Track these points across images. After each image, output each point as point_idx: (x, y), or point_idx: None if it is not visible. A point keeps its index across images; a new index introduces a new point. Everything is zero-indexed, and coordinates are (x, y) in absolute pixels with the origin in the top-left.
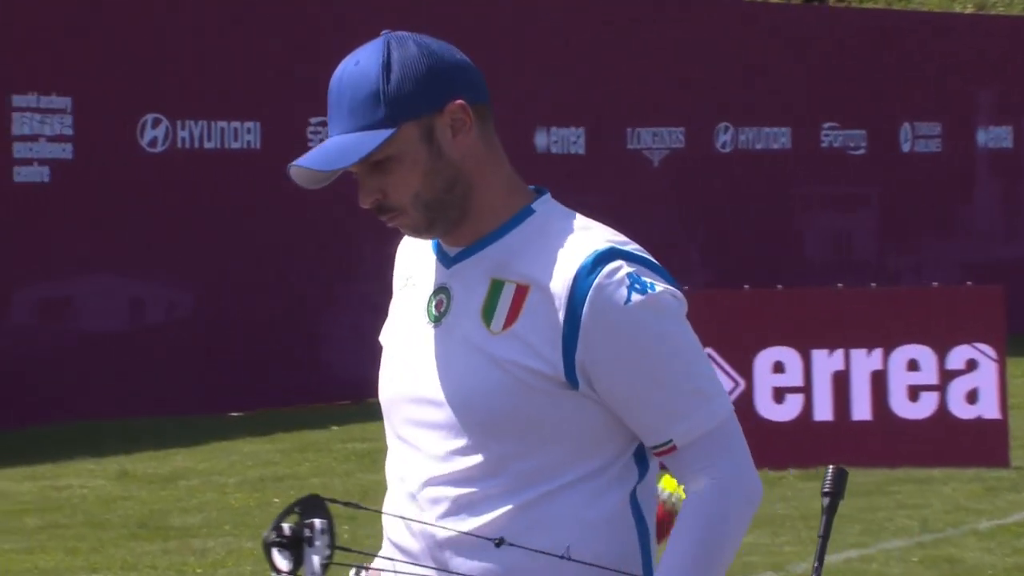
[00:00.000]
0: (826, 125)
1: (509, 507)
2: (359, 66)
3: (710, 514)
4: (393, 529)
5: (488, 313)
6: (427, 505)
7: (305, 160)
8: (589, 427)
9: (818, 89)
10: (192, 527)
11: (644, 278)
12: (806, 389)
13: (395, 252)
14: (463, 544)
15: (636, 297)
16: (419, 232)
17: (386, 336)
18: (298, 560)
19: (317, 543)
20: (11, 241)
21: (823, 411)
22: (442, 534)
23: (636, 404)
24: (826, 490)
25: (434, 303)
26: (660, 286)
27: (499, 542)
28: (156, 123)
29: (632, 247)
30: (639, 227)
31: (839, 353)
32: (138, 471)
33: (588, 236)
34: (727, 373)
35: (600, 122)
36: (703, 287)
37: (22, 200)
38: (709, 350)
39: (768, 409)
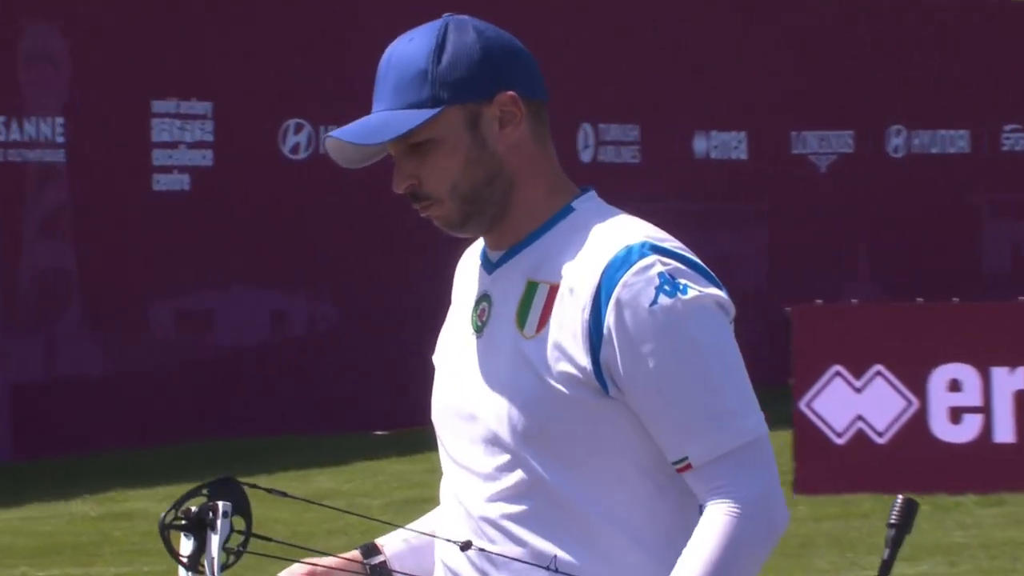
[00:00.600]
0: (1007, 127)
1: (557, 527)
2: (412, 43)
3: (726, 538)
4: (445, 551)
5: (522, 316)
6: (481, 525)
7: (342, 132)
8: (628, 437)
9: (997, 88)
10: (336, 550)
11: (679, 279)
12: (985, 409)
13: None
14: (516, 566)
15: (664, 300)
16: (453, 227)
17: (437, 355)
18: (201, 546)
19: (219, 528)
20: (151, 250)
21: (1004, 432)
22: (494, 555)
23: (653, 416)
24: (892, 522)
25: (477, 312)
26: (695, 290)
27: (551, 567)
28: (299, 128)
29: (672, 244)
30: (804, 235)
31: (1021, 371)
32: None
33: (623, 231)
34: (899, 391)
35: (761, 126)
36: (872, 300)
37: (162, 209)
38: (879, 367)
39: (944, 430)
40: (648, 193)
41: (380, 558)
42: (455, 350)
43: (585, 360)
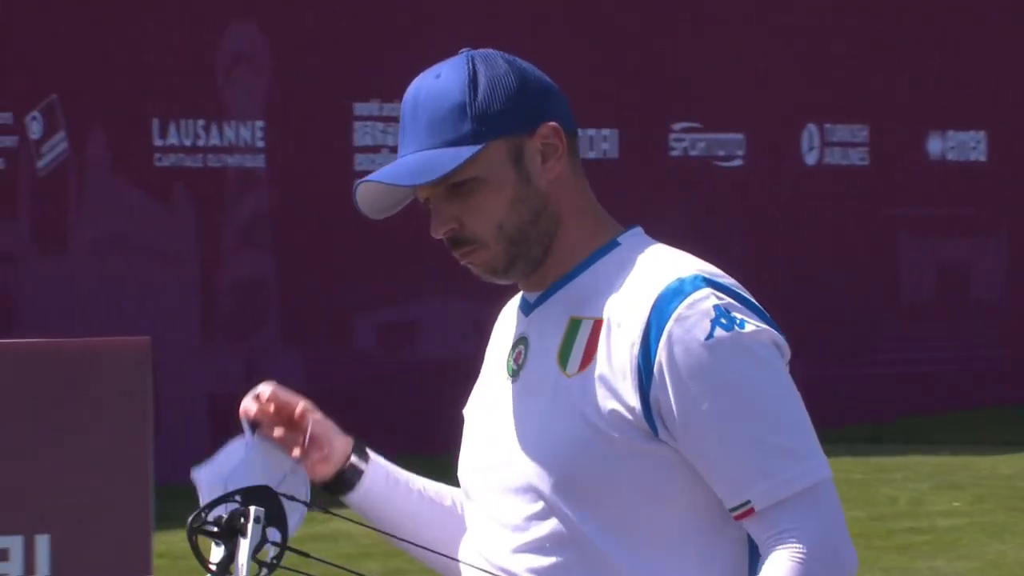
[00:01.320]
0: None
1: None
2: (440, 80)
3: None
4: None
5: (564, 355)
6: None
7: (381, 175)
8: (677, 485)
9: None
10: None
11: (733, 313)
12: None
13: None
14: None
15: (720, 333)
16: (496, 272)
17: (468, 407)
18: (231, 554)
19: (250, 534)
20: (355, 261)
21: None
22: None
23: (711, 457)
24: None
25: (513, 356)
26: (752, 325)
27: None
28: None
29: (726, 279)
30: None
31: None
32: None
33: (673, 264)
34: None
35: (1003, 126)
36: None
37: (366, 218)
38: None
39: None
40: (875, 198)
41: (363, 463)
42: (488, 400)
43: (634, 399)
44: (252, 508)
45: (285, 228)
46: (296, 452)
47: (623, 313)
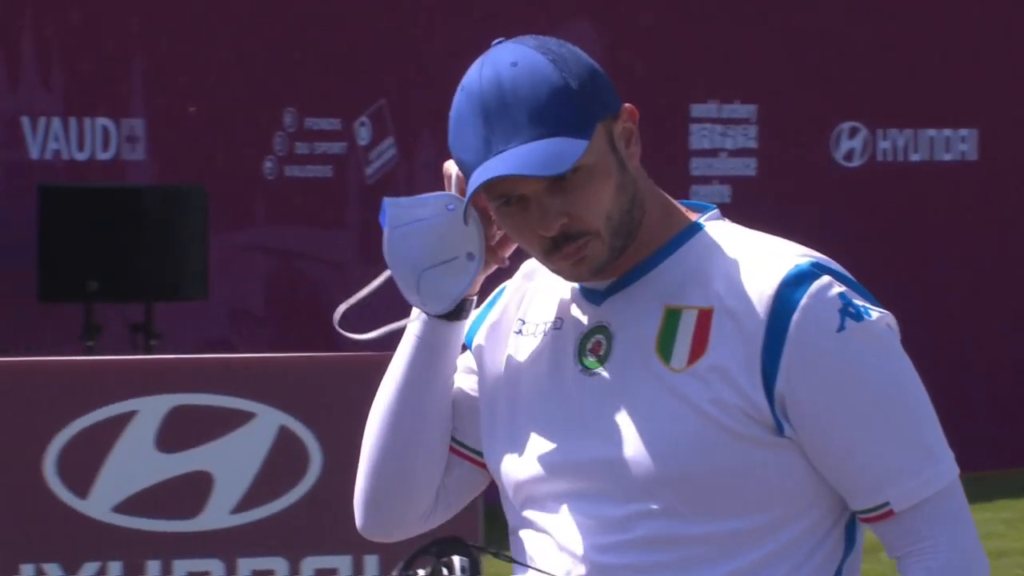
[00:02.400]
0: None
1: None
2: (520, 66)
3: None
4: None
5: (665, 348)
6: (596, 571)
7: (515, 167)
8: (796, 484)
9: None
10: None
11: (856, 300)
12: None
13: None
14: None
15: (851, 323)
16: (597, 268)
17: (495, 397)
18: None
19: None
20: None
21: None
22: None
23: (847, 456)
24: None
25: (589, 346)
26: (875, 312)
27: None
28: (853, 133)
29: (835, 264)
30: None
31: None
32: None
33: (782, 249)
34: None
35: None
36: None
37: None
38: None
39: None
40: None
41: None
42: (545, 393)
43: (758, 394)
44: (456, 558)
45: None
46: (496, 233)
47: (738, 304)
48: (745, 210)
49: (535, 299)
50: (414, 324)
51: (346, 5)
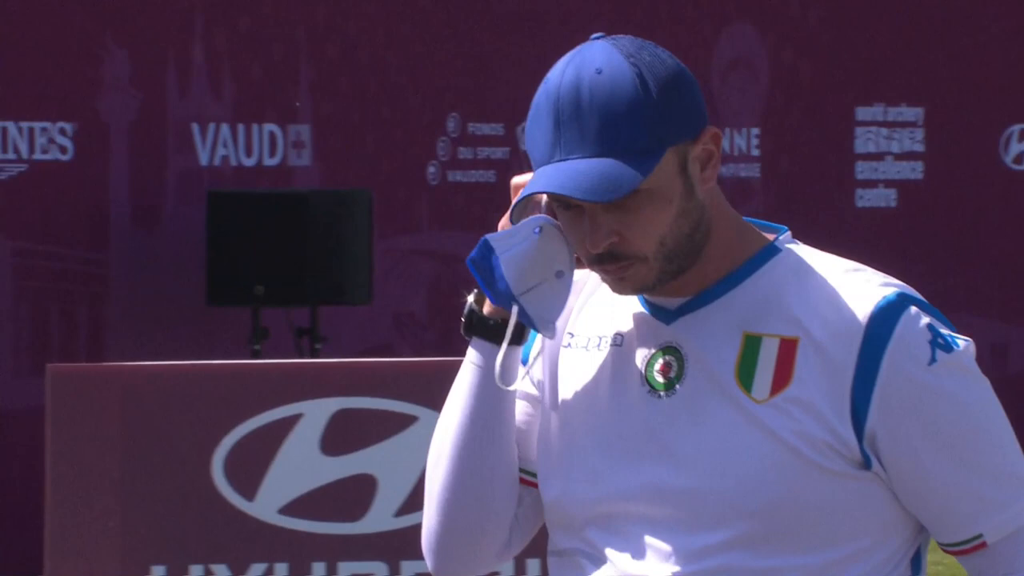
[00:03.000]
0: None
1: None
2: (604, 76)
3: None
4: None
5: (746, 376)
6: None
7: (566, 189)
8: (877, 520)
9: None
10: None
11: (943, 331)
12: None
13: None
14: None
15: (941, 355)
16: (644, 289)
17: (547, 415)
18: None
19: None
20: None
21: None
22: None
23: (942, 490)
24: None
25: (657, 367)
26: (960, 340)
27: None
28: (1023, 136)
29: (916, 292)
30: None
31: None
32: None
33: (867, 279)
34: None
35: None
36: None
37: (866, 227)
38: None
39: None
40: None
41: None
42: (610, 412)
43: (847, 429)
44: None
45: None
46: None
47: (825, 336)
48: (912, 214)
49: (583, 312)
50: (472, 353)
51: (509, 11)
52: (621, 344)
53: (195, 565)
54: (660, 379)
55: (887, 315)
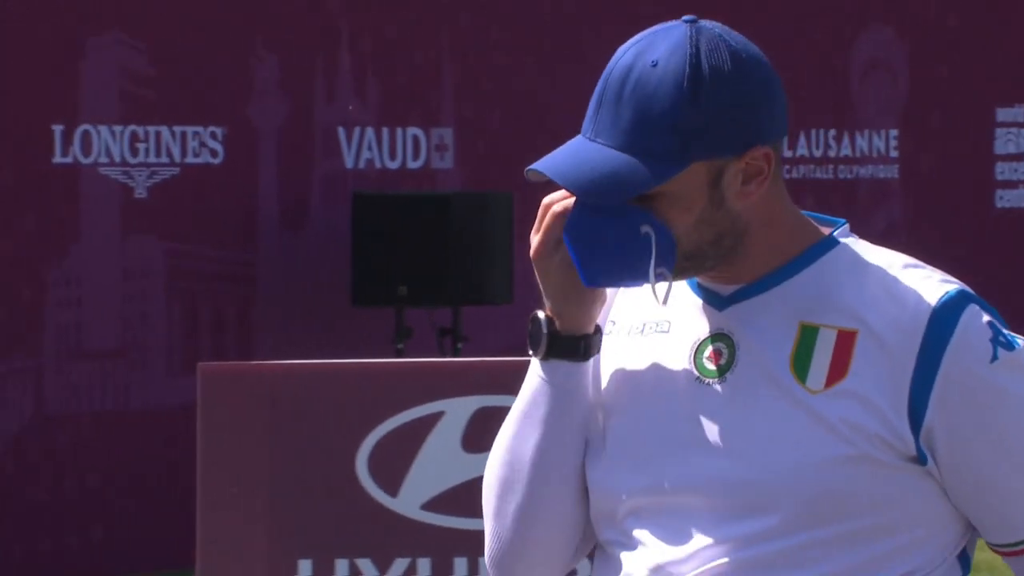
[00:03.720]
0: None
1: None
2: (657, 69)
3: None
4: None
5: (801, 366)
6: None
7: (565, 179)
8: (927, 515)
9: None
10: None
11: (1004, 329)
12: None
13: None
14: None
15: (1004, 354)
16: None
17: (593, 404)
18: None
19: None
20: (995, 271)
21: None
22: None
23: (996, 489)
24: None
25: (707, 353)
26: (1021, 340)
27: None
28: None
29: (973, 290)
30: None
31: None
32: None
33: (926, 275)
34: None
35: None
36: None
37: (1006, 227)
38: None
39: None
40: None
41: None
42: (656, 400)
43: (903, 424)
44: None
45: (917, 240)
46: None
47: (886, 329)
48: None
49: (623, 299)
50: (551, 373)
51: (646, 14)
52: (668, 331)
53: (341, 560)
54: (710, 366)
55: (949, 311)
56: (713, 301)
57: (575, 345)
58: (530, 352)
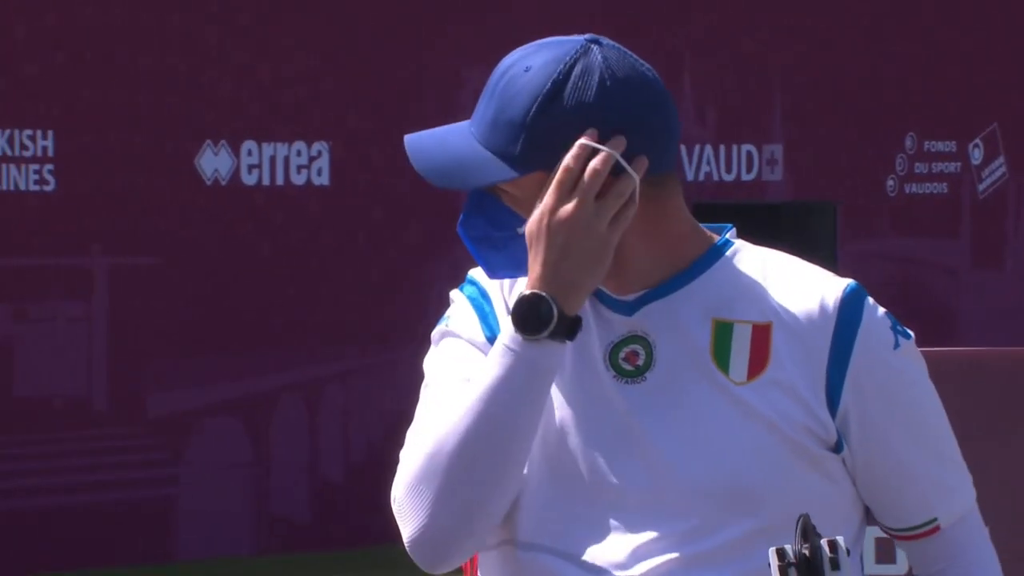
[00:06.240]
0: None
1: None
2: (527, 74)
3: None
4: None
5: (722, 359)
6: None
7: (416, 160)
8: (840, 503)
9: None
10: None
11: (897, 321)
12: None
13: None
14: None
15: (904, 342)
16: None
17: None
18: None
19: (844, 567)
20: None
21: None
22: None
23: (905, 471)
24: None
25: (622, 355)
26: (910, 331)
27: None
28: None
29: None
30: None
31: None
32: None
33: (819, 271)
34: None
35: None
36: None
37: None
38: None
39: None
40: None
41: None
42: (579, 401)
43: (823, 411)
44: (839, 537)
45: None
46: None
47: (798, 321)
48: None
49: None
50: (542, 353)
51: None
52: (574, 337)
53: None
54: (628, 367)
55: (854, 302)
56: (619, 307)
57: (575, 327)
58: (515, 331)
